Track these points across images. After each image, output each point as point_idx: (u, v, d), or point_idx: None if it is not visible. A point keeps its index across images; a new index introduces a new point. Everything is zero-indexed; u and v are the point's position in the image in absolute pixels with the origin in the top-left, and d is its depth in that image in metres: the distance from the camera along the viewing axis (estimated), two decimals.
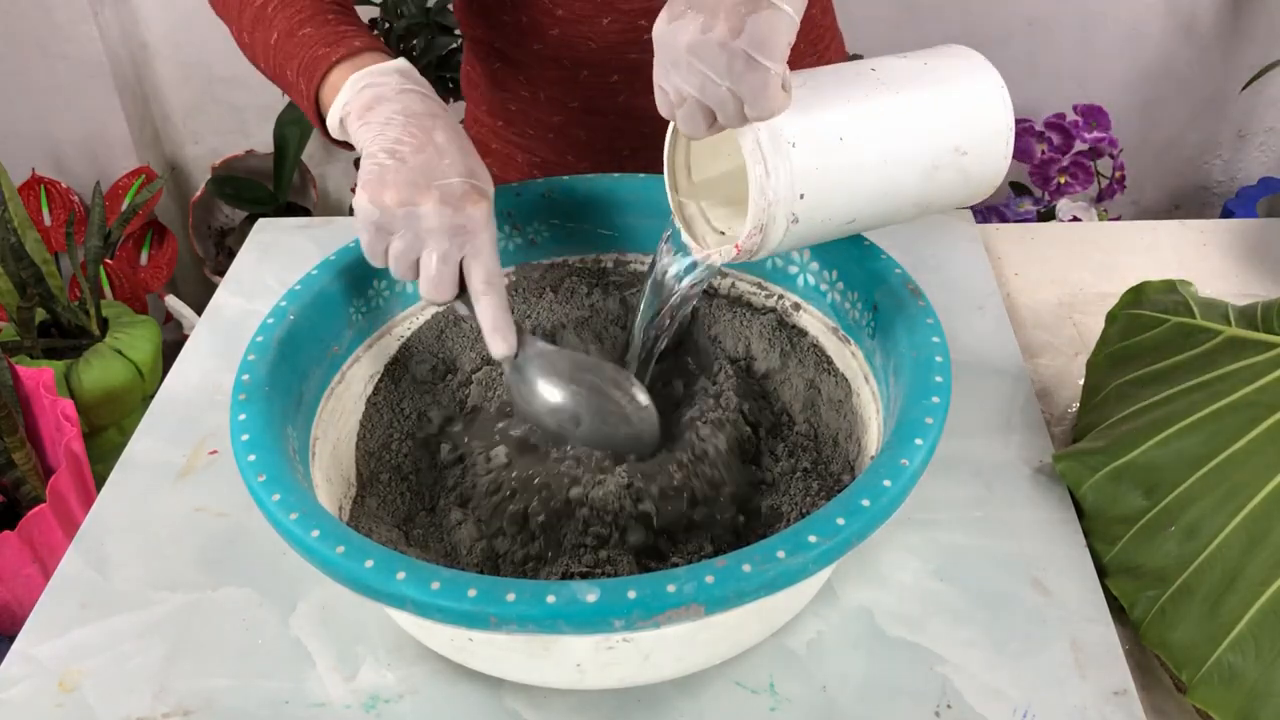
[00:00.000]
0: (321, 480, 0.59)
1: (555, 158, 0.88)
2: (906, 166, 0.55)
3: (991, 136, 0.57)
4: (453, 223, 0.56)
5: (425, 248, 0.57)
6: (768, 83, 0.47)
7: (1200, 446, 0.59)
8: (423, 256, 0.57)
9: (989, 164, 0.58)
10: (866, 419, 0.62)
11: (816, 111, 0.53)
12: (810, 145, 0.52)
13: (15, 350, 1.57)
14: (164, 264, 1.96)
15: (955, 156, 0.56)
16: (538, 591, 0.44)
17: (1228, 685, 0.53)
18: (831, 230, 0.56)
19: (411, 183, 0.55)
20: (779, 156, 0.51)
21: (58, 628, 0.61)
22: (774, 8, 0.46)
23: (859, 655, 0.58)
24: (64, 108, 1.84)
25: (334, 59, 0.62)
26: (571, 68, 0.81)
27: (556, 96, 0.84)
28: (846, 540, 0.46)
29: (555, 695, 0.57)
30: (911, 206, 0.57)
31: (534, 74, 0.83)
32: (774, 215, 0.52)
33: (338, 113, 0.61)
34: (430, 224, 0.56)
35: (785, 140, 0.51)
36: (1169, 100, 1.99)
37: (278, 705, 0.57)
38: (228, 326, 0.84)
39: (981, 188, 0.59)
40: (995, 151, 0.57)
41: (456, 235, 0.56)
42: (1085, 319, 0.84)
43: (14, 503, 1.36)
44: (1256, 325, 0.63)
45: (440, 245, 0.56)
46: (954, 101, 0.56)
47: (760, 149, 0.51)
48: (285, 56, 0.65)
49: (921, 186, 0.56)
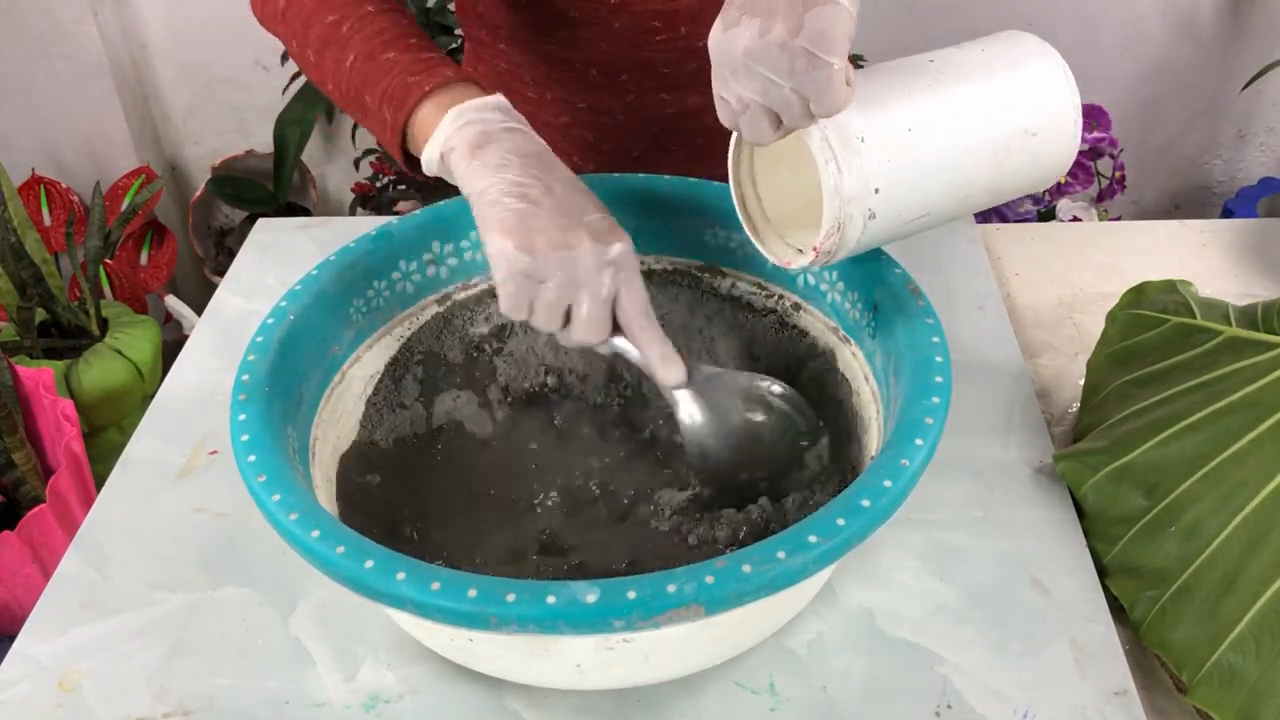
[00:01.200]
0: (321, 480, 0.59)
1: (561, 159, 0.88)
2: (977, 152, 0.55)
3: (1058, 115, 0.57)
4: (608, 260, 0.54)
5: (581, 291, 0.55)
6: (831, 78, 0.46)
7: (1200, 446, 0.59)
8: (578, 301, 0.55)
9: (1059, 144, 0.57)
10: (866, 419, 0.62)
11: (880, 105, 0.52)
12: (879, 138, 0.52)
13: (15, 350, 1.57)
14: (164, 264, 1.96)
15: (1025, 139, 0.56)
16: (538, 592, 0.44)
17: (1228, 685, 0.53)
18: (908, 224, 0.55)
19: (560, 226, 0.53)
20: (849, 152, 0.51)
21: (58, 628, 0.61)
22: (832, 2, 0.45)
23: (859, 655, 0.58)
24: (64, 108, 1.84)
25: (426, 89, 0.59)
26: (581, 67, 0.80)
27: (563, 97, 0.84)
28: (846, 540, 0.46)
29: (555, 695, 0.57)
30: (984, 194, 0.57)
31: (541, 75, 0.83)
32: (850, 214, 0.52)
33: (437, 148, 0.58)
34: (588, 264, 0.54)
35: (853, 136, 0.51)
36: (1169, 100, 1.98)
37: (278, 705, 0.57)
38: (228, 326, 0.84)
39: (1053, 169, 0.58)
40: (1064, 131, 0.57)
41: (612, 272, 0.55)
42: (1085, 319, 0.84)
43: (14, 503, 1.36)
44: (1256, 325, 0.63)
45: (600, 286, 0.54)
46: (1019, 83, 0.56)
47: (830, 147, 0.51)
48: (365, 81, 0.62)
49: (993, 172, 0.56)
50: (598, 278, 0.54)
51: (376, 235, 0.67)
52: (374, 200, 1.86)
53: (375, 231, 0.67)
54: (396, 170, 1.83)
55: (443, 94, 0.60)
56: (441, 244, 0.69)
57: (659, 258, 0.73)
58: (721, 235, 0.70)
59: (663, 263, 0.73)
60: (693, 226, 0.71)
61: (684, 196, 0.70)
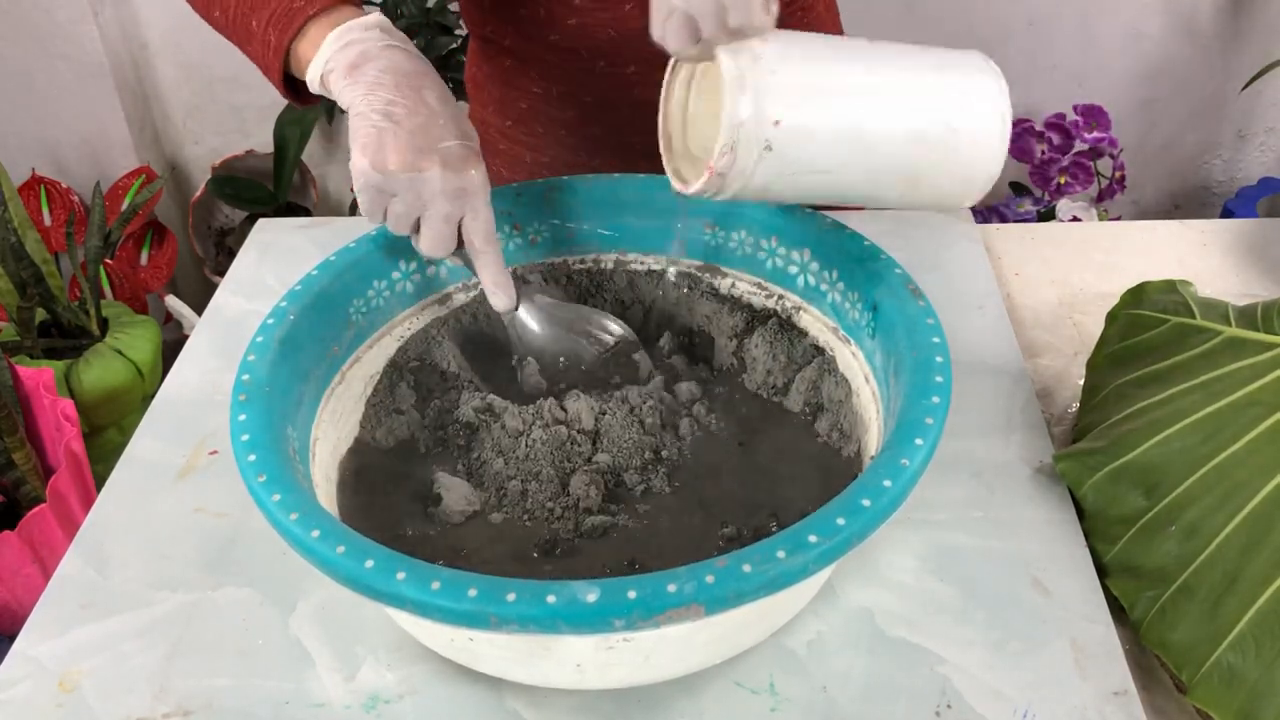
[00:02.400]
0: (321, 480, 0.59)
1: (567, 155, 0.88)
2: (890, 124, 0.55)
3: (984, 117, 0.56)
4: (455, 185, 0.58)
5: (428, 210, 0.58)
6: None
7: (1200, 446, 0.59)
8: (424, 218, 0.59)
9: (984, 147, 0.57)
10: (866, 419, 0.62)
11: (802, 54, 0.53)
12: (791, 75, 0.52)
13: (15, 350, 1.57)
14: (164, 264, 1.96)
15: (944, 130, 0.56)
16: (538, 591, 0.44)
17: (1228, 685, 0.53)
18: (808, 177, 0.55)
19: (413, 147, 0.56)
20: (756, 74, 0.52)
21: (58, 628, 0.61)
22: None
23: (859, 655, 0.58)
24: (64, 108, 1.84)
25: (310, 12, 0.61)
26: (588, 59, 0.80)
27: (570, 92, 0.84)
28: (846, 540, 0.46)
29: (555, 695, 0.57)
30: (897, 177, 0.56)
31: (547, 69, 0.83)
32: (746, 136, 0.52)
33: (319, 69, 0.61)
34: (434, 188, 0.57)
35: (766, 67, 0.52)
36: (1169, 100, 1.99)
37: (278, 705, 0.57)
38: (228, 326, 0.84)
39: (977, 173, 0.58)
40: (989, 133, 0.57)
41: (457, 197, 0.58)
42: (1085, 319, 0.84)
43: (14, 503, 1.36)
44: (1256, 325, 0.63)
45: (443, 208, 0.58)
46: (948, 79, 0.56)
47: (738, 67, 0.52)
48: (251, 7, 0.64)
49: (906, 151, 0.55)
50: (442, 200, 0.58)
51: (377, 235, 0.67)
52: None
53: (375, 231, 0.67)
54: None
55: (327, 17, 0.62)
56: None
57: (659, 258, 0.73)
58: (721, 235, 0.70)
59: (662, 263, 0.73)
60: (693, 226, 0.71)
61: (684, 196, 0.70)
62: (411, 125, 0.57)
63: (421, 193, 0.58)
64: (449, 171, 0.57)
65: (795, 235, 0.67)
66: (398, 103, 0.57)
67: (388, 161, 0.56)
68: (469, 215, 0.60)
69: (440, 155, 0.57)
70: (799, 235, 0.67)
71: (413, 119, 0.57)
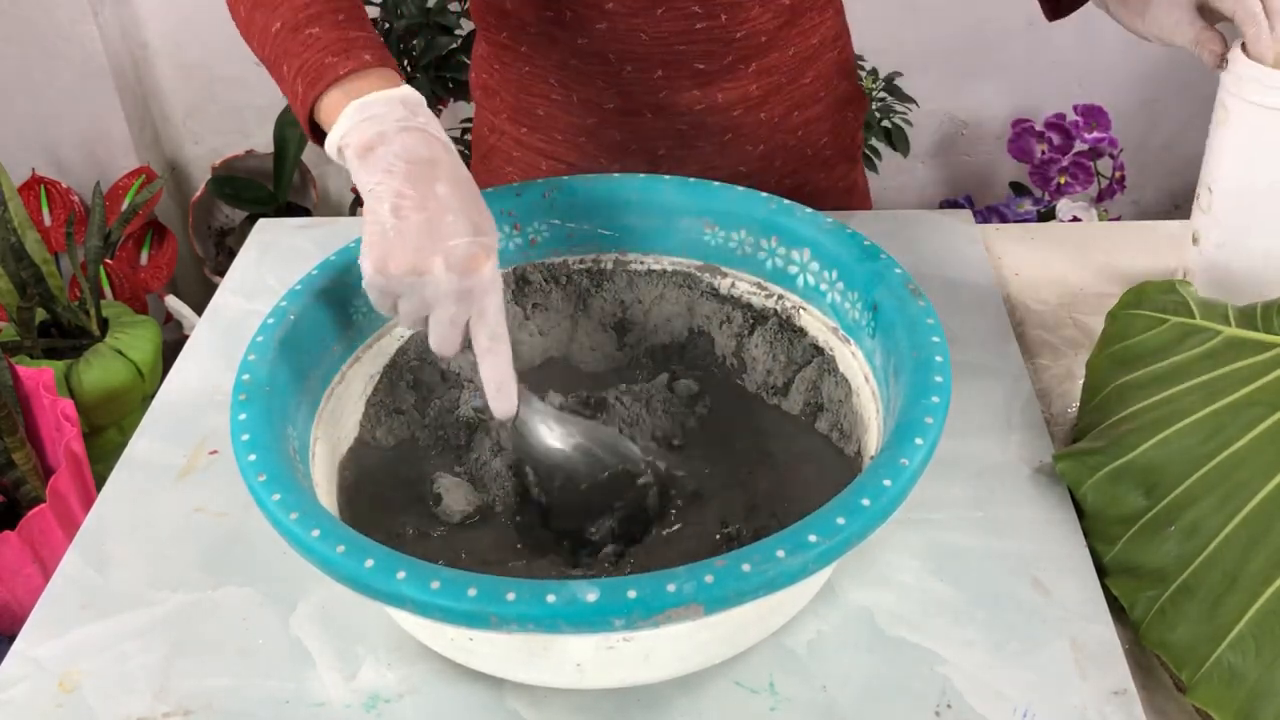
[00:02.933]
0: (321, 480, 0.59)
1: (584, 162, 0.87)
2: None
3: None
4: (460, 287, 0.55)
5: (433, 310, 0.56)
6: None
7: (1200, 446, 0.59)
8: (430, 318, 0.57)
9: None
10: (866, 419, 0.62)
11: None
12: None
13: (15, 350, 1.57)
14: (164, 264, 1.96)
15: None
16: (538, 591, 0.44)
17: (1228, 685, 0.53)
18: None
19: (416, 248, 0.54)
20: None
21: (58, 628, 0.61)
22: None
23: (859, 655, 0.58)
24: (64, 108, 1.84)
25: (340, 73, 0.60)
26: (616, 64, 0.80)
27: (591, 98, 0.83)
28: (846, 540, 0.46)
29: (555, 695, 0.57)
30: None
31: (569, 74, 0.83)
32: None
33: (336, 141, 0.59)
34: (438, 290, 0.55)
35: None
36: (1169, 100, 1.99)
37: (278, 705, 0.57)
38: (228, 326, 0.84)
39: None
40: None
41: (462, 299, 0.55)
42: (1085, 319, 0.84)
43: (14, 503, 1.36)
44: (1256, 325, 0.63)
45: (447, 309, 0.55)
46: None
47: None
48: (284, 53, 0.63)
49: None
50: (448, 301, 0.55)
51: None
52: None
53: None
54: None
55: (352, 81, 0.60)
56: None
57: (659, 258, 0.73)
58: (721, 235, 0.70)
59: (662, 263, 0.73)
60: (693, 226, 0.71)
61: (684, 196, 0.70)
62: (417, 221, 0.55)
63: (425, 295, 0.55)
64: (453, 274, 0.54)
65: (795, 235, 0.67)
66: (406, 196, 0.55)
67: (389, 265, 0.54)
68: (475, 316, 0.57)
69: (444, 255, 0.54)
70: (799, 235, 0.67)
71: (419, 214, 0.55)
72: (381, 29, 1.71)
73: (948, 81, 1.96)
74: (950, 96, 1.99)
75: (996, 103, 2.00)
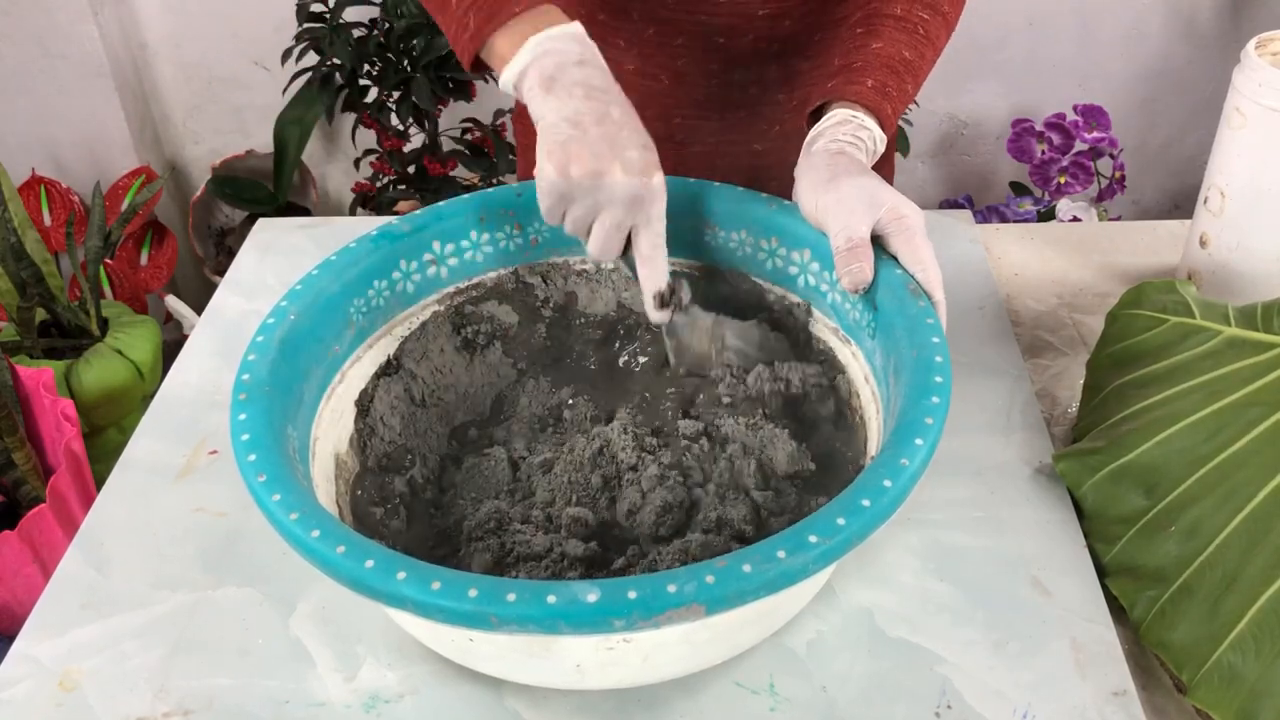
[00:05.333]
0: (321, 480, 0.59)
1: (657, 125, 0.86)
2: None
3: None
4: (633, 192, 0.59)
5: (602, 214, 0.60)
6: None
7: (1200, 446, 0.59)
8: (597, 221, 0.61)
9: None
10: (867, 419, 0.62)
11: None
12: None
13: (15, 350, 1.57)
14: (164, 264, 1.96)
15: None
16: (538, 591, 0.44)
17: (1228, 685, 0.53)
18: None
19: (596, 154, 0.58)
20: None
21: (58, 628, 0.61)
22: None
23: (859, 655, 0.58)
24: (64, 108, 1.84)
25: (516, 10, 0.62)
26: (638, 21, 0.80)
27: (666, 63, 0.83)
28: (846, 540, 0.46)
29: (555, 695, 0.57)
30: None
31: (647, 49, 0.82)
32: None
33: (514, 74, 0.62)
34: (613, 193, 0.59)
35: None
36: (1169, 100, 1.99)
37: (278, 705, 0.57)
38: (228, 326, 0.84)
39: None
40: None
41: (633, 204, 0.60)
42: (1085, 319, 0.84)
43: (14, 503, 1.36)
44: (1256, 325, 0.63)
45: (616, 214, 0.60)
46: None
47: None
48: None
49: None
50: (618, 206, 0.60)
51: (377, 235, 0.67)
52: (374, 200, 1.86)
53: (375, 231, 0.67)
54: (398, 169, 1.83)
55: (527, 19, 0.62)
56: (441, 244, 0.69)
57: None
58: (721, 235, 0.70)
59: None
60: (693, 226, 0.71)
61: (684, 197, 0.70)
62: (596, 133, 0.59)
63: (599, 199, 0.60)
64: (629, 176, 0.59)
65: (795, 235, 0.67)
66: (584, 112, 0.59)
67: (571, 169, 0.58)
68: (641, 222, 0.61)
69: (622, 162, 0.59)
70: (799, 235, 0.67)
71: (598, 128, 0.59)
72: (381, 29, 1.71)
73: (948, 81, 1.96)
74: (950, 96, 1.99)
75: (996, 103, 2.00)
